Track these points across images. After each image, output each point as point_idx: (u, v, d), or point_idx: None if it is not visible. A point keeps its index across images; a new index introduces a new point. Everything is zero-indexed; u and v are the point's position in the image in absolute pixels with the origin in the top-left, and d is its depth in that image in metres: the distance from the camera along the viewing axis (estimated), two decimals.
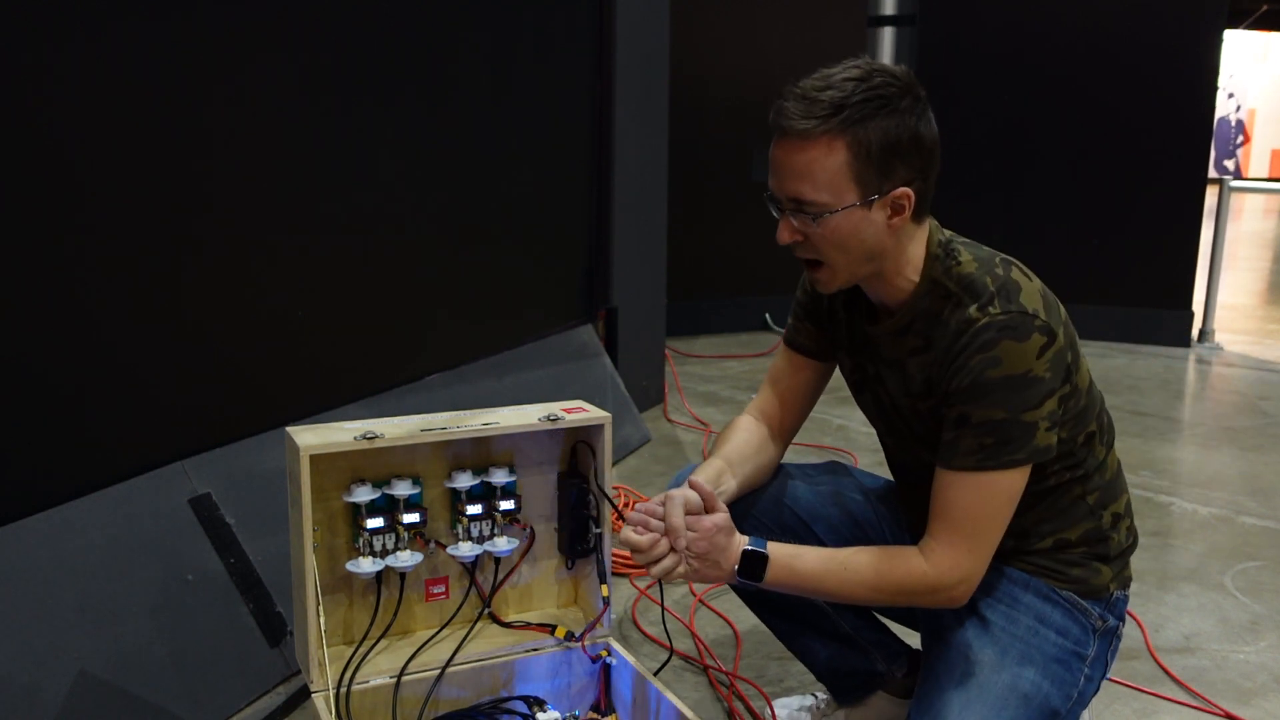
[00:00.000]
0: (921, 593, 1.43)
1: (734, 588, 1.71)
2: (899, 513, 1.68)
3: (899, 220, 1.39)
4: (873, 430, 1.69)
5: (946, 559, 1.41)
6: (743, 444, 1.64)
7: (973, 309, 1.38)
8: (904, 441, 1.58)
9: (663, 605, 2.04)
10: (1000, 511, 1.41)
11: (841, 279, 1.44)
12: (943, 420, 1.42)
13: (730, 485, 1.57)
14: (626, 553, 2.43)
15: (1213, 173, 5.56)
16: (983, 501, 1.40)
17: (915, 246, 1.44)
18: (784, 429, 1.69)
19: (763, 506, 1.65)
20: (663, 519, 1.43)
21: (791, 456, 1.75)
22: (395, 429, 1.54)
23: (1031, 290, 1.41)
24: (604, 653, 1.69)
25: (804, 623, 1.73)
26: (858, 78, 1.34)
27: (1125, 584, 1.57)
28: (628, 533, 1.44)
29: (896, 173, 1.36)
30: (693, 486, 1.46)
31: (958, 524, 1.41)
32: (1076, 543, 1.52)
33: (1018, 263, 1.46)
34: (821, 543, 1.65)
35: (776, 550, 1.44)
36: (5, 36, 1.55)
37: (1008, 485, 1.40)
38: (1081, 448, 1.49)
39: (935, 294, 1.44)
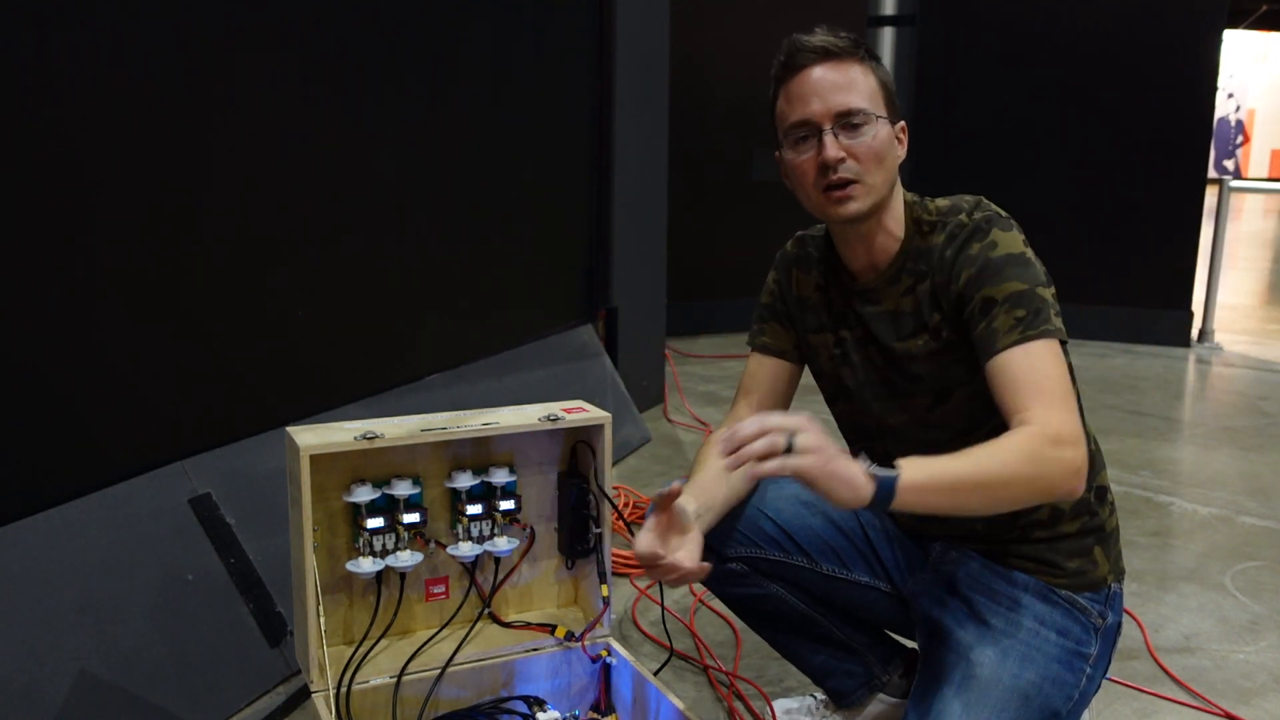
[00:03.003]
0: (1049, 458, 1.29)
1: (734, 600, 1.70)
2: (883, 517, 1.68)
3: (902, 152, 1.51)
4: None
5: (1052, 417, 1.31)
6: (717, 469, 1.56)
7: (960, 217, 1.49)
8: (897, 396, 1.55)
9: (663, 605, 2.05)
10: (1063, 375, 1.37)
11: (871, 198, 1.47)
12: (967, 326, 1.43)
13: (709, 516, 1.53)
14: (626, 553, 2.45)
15: (1212, 173, 5.56)
16: (1047, 366, 1.36)
17: (898, 198, 1.53)
18: None
19: (745, 521, 1.65)
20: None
21: None
22: (395, 429, 1.54)
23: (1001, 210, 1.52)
24: (604, 653, 1.69)
25: (796, 631, 1.73)
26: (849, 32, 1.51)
27: (1120, 575, 1.57)
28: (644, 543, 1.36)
29: (896, 108, 1.51)
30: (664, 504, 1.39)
31: (1038, 388, 1.34)
32: (1070, 515, 1.52)
33: None
34: (806, 555, 1.65)
35: (902, 460, 1.28)
36: (5, 36, 1.55)
37: (1056, 353, 1.38)
38: None
39: (920, 232, 1.52)
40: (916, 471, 1.26)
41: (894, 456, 1.60)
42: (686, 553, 1.37)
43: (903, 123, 1.51)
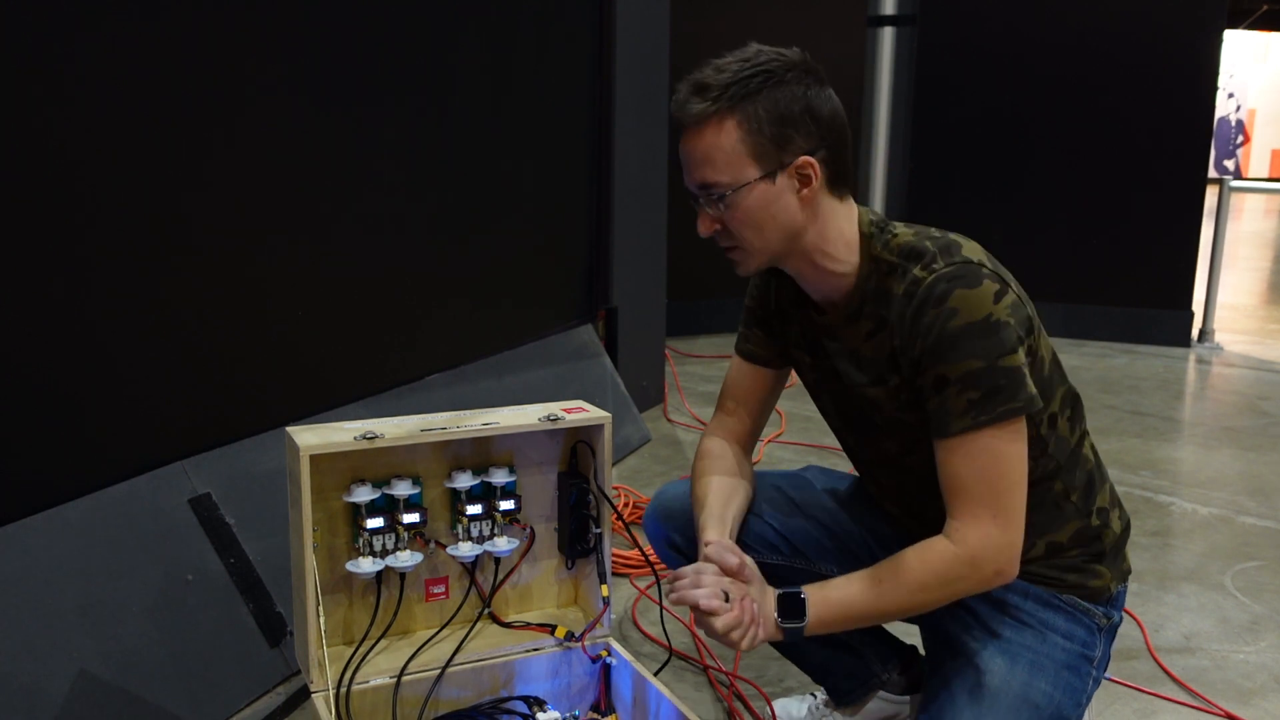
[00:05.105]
0: (963, 577, 1.36)
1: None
2: (870, 512, 1.66)
3: (809, 192, 1.37)
4: None
5: (973, 534, 1.34)
6: (728, 485, 1.58)
7: (917, 269, 1.36)
8: (868, 435, 1.54)
9: (662, 605, 2.04)
10: (1013, 470, 1.34)
11: (757, 260, 1.41)
12: (921, 394, 1.37)
13: (734, 533, 1.54)
14: (626, 553, 2.45)
15: (1213, 173, 5.56)
16: (991, 463, 1.33)
17: (845, 225, 1.42)
18: (750, 440, 1.67)
19: (742, 528, 1.62)
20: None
21: (791, 457, 1.75)
22: (395, 429, 1.54)
23: (974, 247, 1.40)
24: (604, 653, 1.69)
25: None
26: (743, 58, 1.36)
27: (1124, 577, 1.55)
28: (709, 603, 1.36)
29: (794, 143, 1.35)
30: (716, 554, 1.42)
31: (973, 494, 1.34)
32: (1069, 545, 1.49)
33: (957, 234, 1.44)
34: (804, 557, 1.65)
35: (809, 588, 1.40)
36: (5, 36, 1.55)
37: (1010, 439, 1.33)
38: (1046, 430, 1.43)
39: (879, 271, 1.41)
40: (824, 611, 1.39)
41: (877, 483, 1.61)
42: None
43: (803, 158, 1.35)
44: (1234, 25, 17.49)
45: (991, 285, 1.33)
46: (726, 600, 1.36)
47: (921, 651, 1.78)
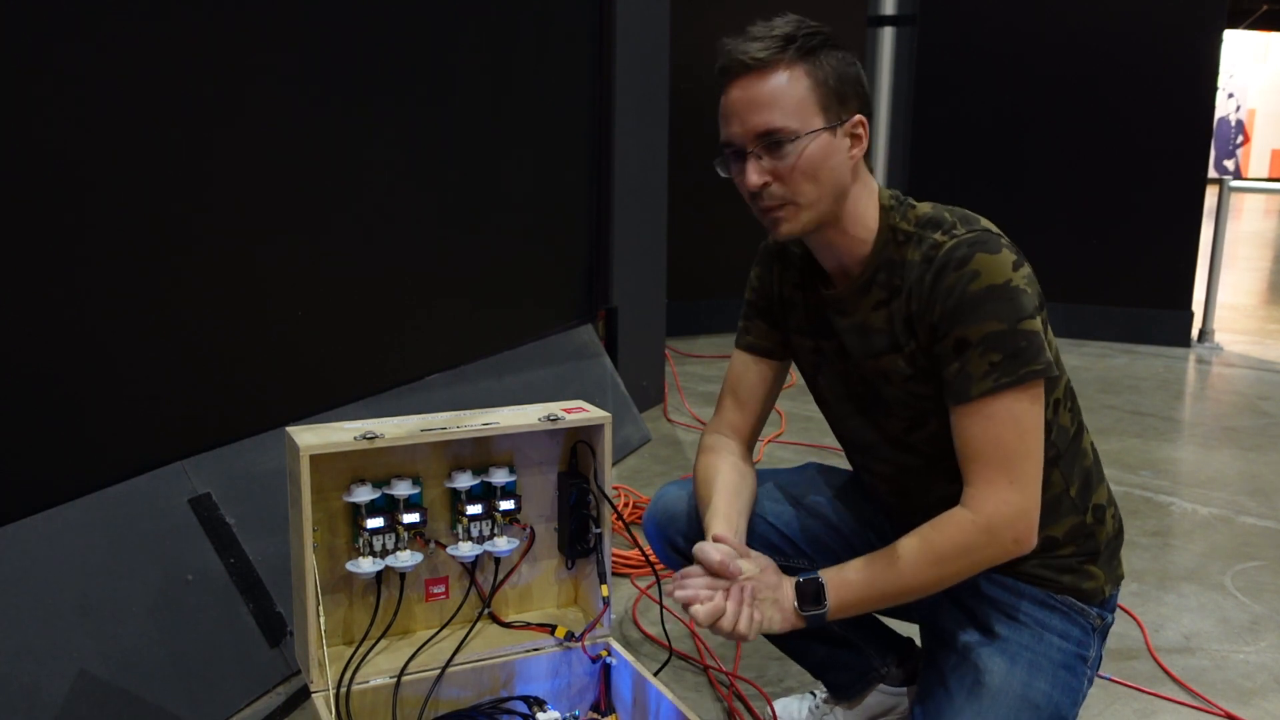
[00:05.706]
0: (982, 545, 1.35)
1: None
2: (870, 507, 1.66)
3: (858, 151, 1.41)
4: None
5: (990, 500, 1.33)
6: (733, 482, 1.57)
7: (937, 235, 1.39)
8: (874, 413, 1.52)
9: (662, 605, 2.04)
10: (1031, 433, 1.34)
11: (806, 217, 1.39)
12: (940, 361, 1.37)
13: (743, 529, 1.53)
14: (626, 553, 2.45)
15: (1213, 173, 5.56)
16: (1010, 427, 1.32)
17: (868, 196, 1.44)
18: (753, 434, 1.67)
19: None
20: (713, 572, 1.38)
21: (790, 457, 1.75)
22: (395, 429, 1.54)
23: (989, 223, 1.41)
24: (604, 653, 1.69)
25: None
26: (794, 21, 1.39)
27: (1118, 581, 1.55)
28: (696, 608, 1.35)
29: (851, 102, 1.39)
30: (718, 540, 1.42)
31: (991, 458, 1.33)
32: (1064, 541, 1.49)
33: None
34: (806, 557, 1.64)
35: (826, 573, 1.39)
36: (5, 36, 1.55)
37: (1030, 403, 1.33)
38: (1051, 415, 1.43)
39: (895, 240, 1.42)
40: (845, 594, 1.38)
41: (873, 473, 1.60)
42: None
43: (858, 117, 1.39)
44: (1234, 25, 17.49)
45: (1010, 254, 1.35)
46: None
47: (919, 644, 1.78)
